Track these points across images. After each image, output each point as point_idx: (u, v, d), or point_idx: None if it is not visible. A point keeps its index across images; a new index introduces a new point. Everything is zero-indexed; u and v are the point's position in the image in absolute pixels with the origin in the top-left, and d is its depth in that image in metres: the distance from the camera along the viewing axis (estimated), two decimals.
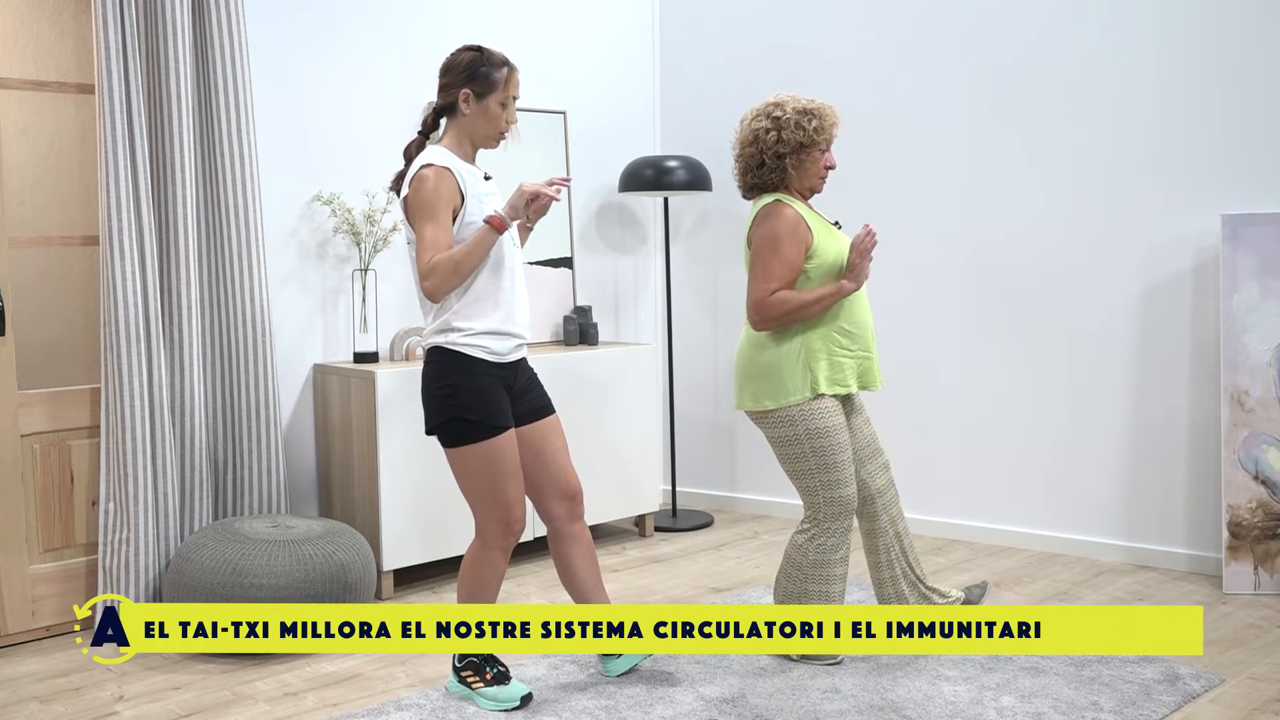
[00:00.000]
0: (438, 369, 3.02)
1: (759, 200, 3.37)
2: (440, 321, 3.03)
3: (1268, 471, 4.04)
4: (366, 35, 4.52)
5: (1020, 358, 4.68)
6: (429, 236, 2.92)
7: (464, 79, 3.01)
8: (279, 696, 3.30)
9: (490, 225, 2.93)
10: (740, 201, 5.37)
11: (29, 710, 3.22)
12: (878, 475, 3.49)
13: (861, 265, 3.26)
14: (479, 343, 3.01)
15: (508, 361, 3.08)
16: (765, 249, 3.27)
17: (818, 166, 3.34)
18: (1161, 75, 4.32)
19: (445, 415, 3.01)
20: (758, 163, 3.33)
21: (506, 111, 3.06)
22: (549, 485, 3.21)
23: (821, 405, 3.29)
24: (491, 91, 3.02)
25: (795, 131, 3.28)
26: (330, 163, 4.43)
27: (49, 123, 4.49)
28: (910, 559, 3.53)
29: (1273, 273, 4.02)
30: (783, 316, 3.25)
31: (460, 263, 2.91)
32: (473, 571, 3.11)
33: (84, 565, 3.87)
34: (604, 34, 5.36)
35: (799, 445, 3.31)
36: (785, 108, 3.30)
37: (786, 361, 3.29)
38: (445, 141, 3.07)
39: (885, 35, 4.93)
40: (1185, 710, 3.10)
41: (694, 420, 5.59)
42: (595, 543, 4.90)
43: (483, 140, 3.08)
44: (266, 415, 4.06)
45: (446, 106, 3.06)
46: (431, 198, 2.92)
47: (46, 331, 4.50)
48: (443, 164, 2.97)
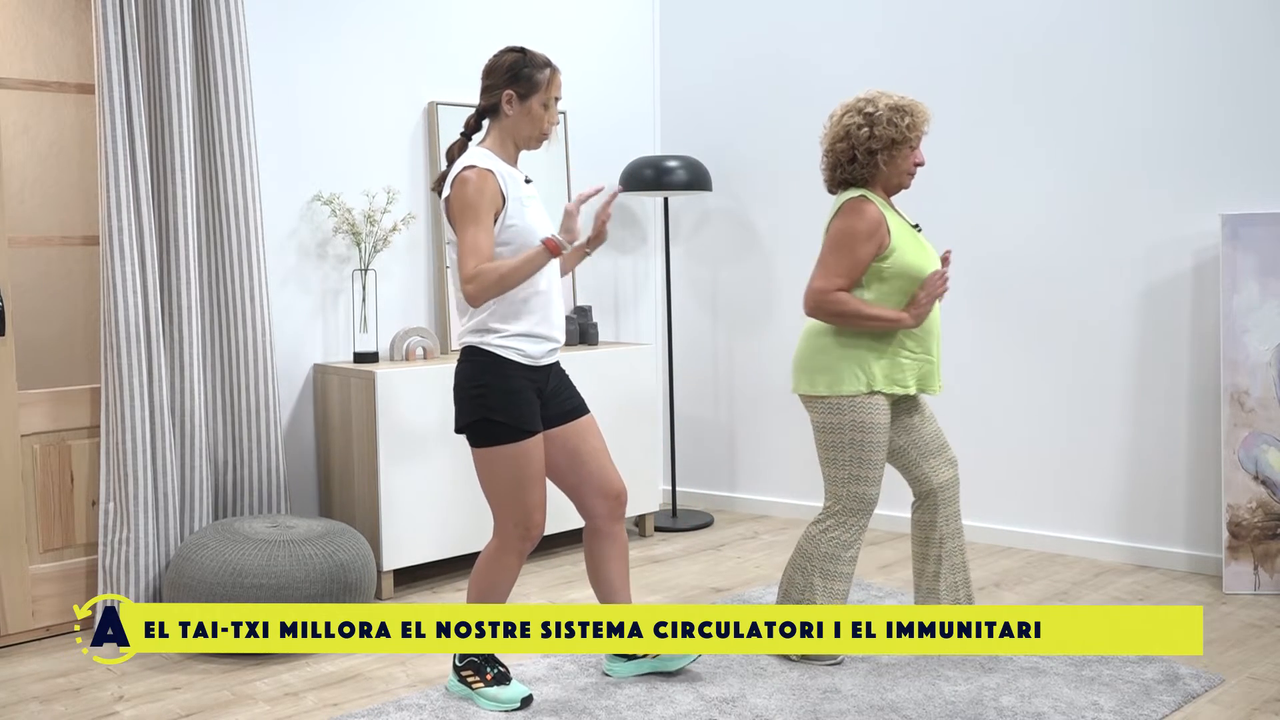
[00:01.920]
0: (471, 369, 3.03)
1: (843, 194, 3.37)
2: (476, 321, 3.04)
3: (1268, 471, 4.04)
4: (366, 35, 4.52)
5: (1020, 357, 4.68)
6: (471, 240, 2.92)
7: (507, 80, 3.03)
8: (279, 696, 3.30)
9: (545, 247, 2.95)
10: (739, 203, 5.37)
11: (29, 710, 3.22)
12: (941, 470, 3.49)
13: (927, 306, 3.28)
14: (513, 345, 3.02)
15: (541, 365, 3.09)
16: (840, 243, 3.28)
17: (908, 163, 3.35)
18: (1162, 75, 4.32)
19: (475, 415, 3.02)
20: (849, 158, 3.33)
21: (549, 113, 3.07)
22: (590, 484, 3.21)
23: (872, 401, 3.31)
24: (534, 93, 3.03)
25: (888, 128, 3.29)
26: (330, 163, 4.43)
27: (49, 123, 4.49)
28: (959, 559, 3.52)
29: (1273, 273, 4.02)
30: (835, 316, 3.26)
31: (506, 277, 2.92)
32: (486, 572, 3.12)
33: (84, 565, 3.87)
34: (604, 34, 5.36)
35: (840, 435, 3.32)
36: (878, 104, 3.31)
37: (848, 354, 3.30)
38: (488, 143, 3.08)
39: (885, 36, 4.93)
40: (1185, 710, 3.10)
41: (694, 420, 5.59)
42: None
43: (525, 141, 3.08)
44: (266, 415, 4.06)
45: (489, 108, 3.07)
46: (474, 200, 2.92)
47: (46, 331, 4.50)
48: (485, 166, 2.97)
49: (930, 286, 3.27)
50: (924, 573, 3.53)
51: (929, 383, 3.40)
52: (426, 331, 4.44)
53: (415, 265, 4.66)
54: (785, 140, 5.22)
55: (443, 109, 4.68)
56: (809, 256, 5.17)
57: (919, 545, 3.53)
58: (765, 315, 5.34)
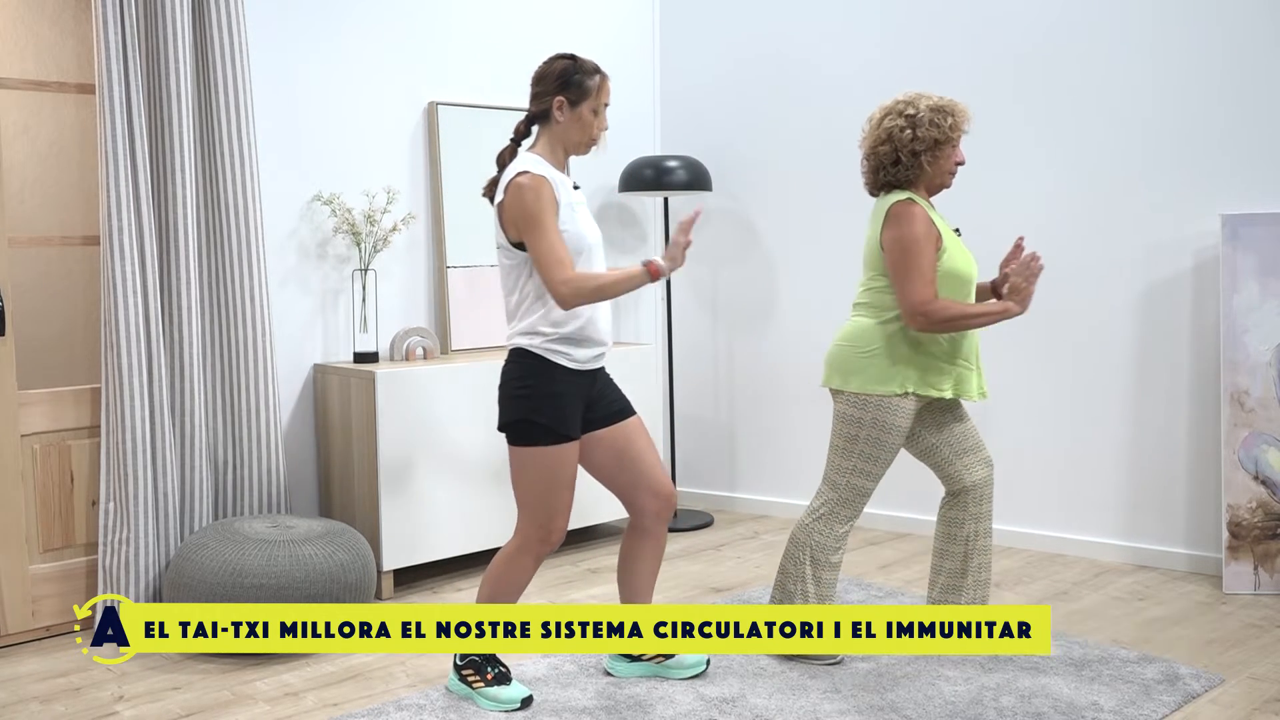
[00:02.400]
0: (518, 369, 3.05)
1: (887, 197, 3.36)
2: (526, 324, 3.05)
3: (1268, 471, 4.04)
4: (366, 35, 4.52)
5: (1020, 357, 4.68)
6: (548, 248, 2.94)
7: (558, 87, 3.05)
8: (279, 696, 3.30)
9: (647, 271, 3.01)
10: (739, 203, 5.37)
11: (29, 710, 3.22)
12: (976, 469, 3.49)
13: (1028, 289, 3.27)
14: (561, 349, 3.04)
15: (588, 370, 3.11)
16: (910, 250, 3.25)
17: (950, 162, 3.35)
18: (1162, 75, 4.32)
19: (517, 415, 3.04)
20: (892, 160, 3.32)
21: (599, 119, 3.09)
22: (641, 483, 3.23)
23: (899, 404, 3.31)
24: (585, 99, 3.05)
25: (930, 129, 3.29)
26: (330, 163, 4.43)
27: (49, 123, 4.49)
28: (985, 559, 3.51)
29: (1273, 273, 4.02)
30: (944, 324, 3.23)
31: (603, 289, 2.96)
32: (502, 570, 3.13)
33: (84, 565, 3.87)
34: (604, 34, 5.36)
35: (859, 428, 3.33)
36: (918, 105, 3.31)
37: (890, 358, 3.30)
38: (538, 148, 3.10)
39: (885, 36, 4.93)
40: (1185, 710, 3.10)
41: (694, 420, 5.59)
42: (595, 543, 4.91)
43: (575, 147, 3.11)
44: (266, 415, 4.06)
45: (539, 114, 3.09)
46: (536, 207, 2.94)
47: (46, 331, 4.50)
48: (539, 172, 2.99)
49: (1026, 269, 3.25)
50: (942, 569, 3.52)
51: (965, 388, 3.39)
52: (426, 331, 4.44)
53: (415, 265, 4.66)
54: (785, 140, 5.22)
55: (443, 109, 4.68)
56: (809, 256, 5.17)
57: (942, 541, 3.53)
58: (765, 315, 5.34)
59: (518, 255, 3.03)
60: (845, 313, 5.09)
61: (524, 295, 3.06)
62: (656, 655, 3.36)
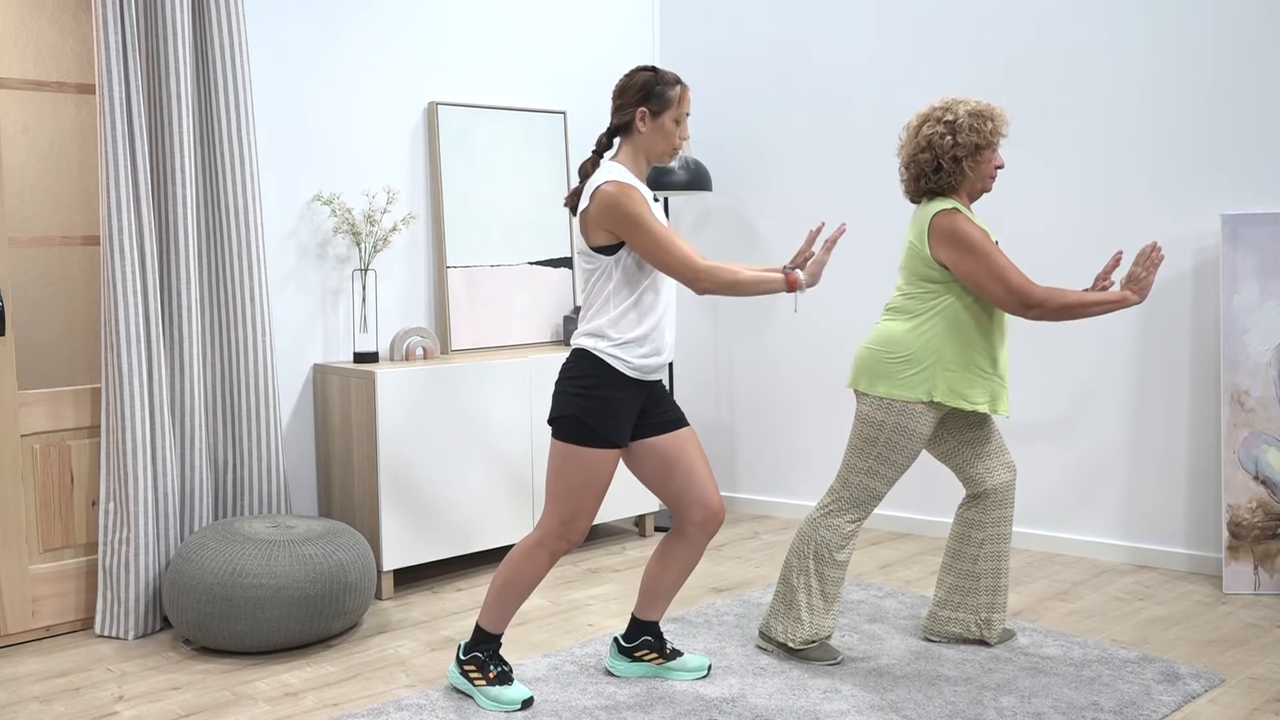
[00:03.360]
0: (578, 367, 3.09)
1: (929, 205, 3.35)
2: (593, 325, 3.09)
3: (1268, 471, 4.04)
4: (366, 35, 4.52)
5: (1020, 357, 4.68)
6: (666, 241, 2.99)
7: (639, 98, 3.09)
8: (279, 696, 3.30)
9: (786, 279, 3.06)
10: (739, 203, 5.37)
11: (29, 710, 3.22)
12: (998, 473, 3.49)
13: (1148, 279, 3.26)
14: (622, 354, 3.06)
15: (646, 380, 3.14)
16: (982, 254, 3.23)
17: (990, 167, 3.36)
18: (1161, 75, 4.32)
19: (568, 411, 3.06)
20: (933, 167, 3.33)
21: (680, 128, 3.13)
22: (692, 494, 3.23)
23: (923, 411, 3.32)
24: (667, 109, 3.09)
25: (970, 134, 3.30)
26: (330, 163, 4.43)
27: (49, 123, 4.49)
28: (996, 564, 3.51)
29: (1273, 273, 4.02)
30: (1063, 309, 3.22)
31: (739, 284, 3.02)
32: (518, 561, 3.15)
33: (84, 565, 3.87)
34: (604, 34, 5.36)
35: (880, 431, 3.34)
36: (957, 111, 3.31)
37: (921, 361, 3.31)
38: (620, 158, 3.14)
39: (885, 36, 4.93)
40: (1185, 710, 3.10)
41: (694, 420, 5.59)
42: (595, 543, 4.91)
43: (658, 156, 3.15)
44: (266, 415, 4.06)
45: (622, 125, 3.13)
46: (633, 208, 2.99)
47: (46, 331, 4.50)
48: (626, 180, 3.04)
49: (1147, 260, 3.25)
50: (953, 568, 3.54)
51: (998, 404, 3.39)
52: (426, 331, 4.44)
53: (415, 265, 4.66)
54: (785, 140, 5.22)
55: (443, 109, 4.68)
56: None
57: (956, 542, 3.54)
58: (765, 316, 5.34)
59: (598, 260, 3.07)
60: (846, 311, 5.09)
61: (596, 298, 3.10)
62: (657, 656, 3.36)
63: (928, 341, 3.31)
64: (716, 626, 3.78)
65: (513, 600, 3.17)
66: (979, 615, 3.54)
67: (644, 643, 3.36)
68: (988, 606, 3.53)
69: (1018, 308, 3.23)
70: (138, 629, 3.77)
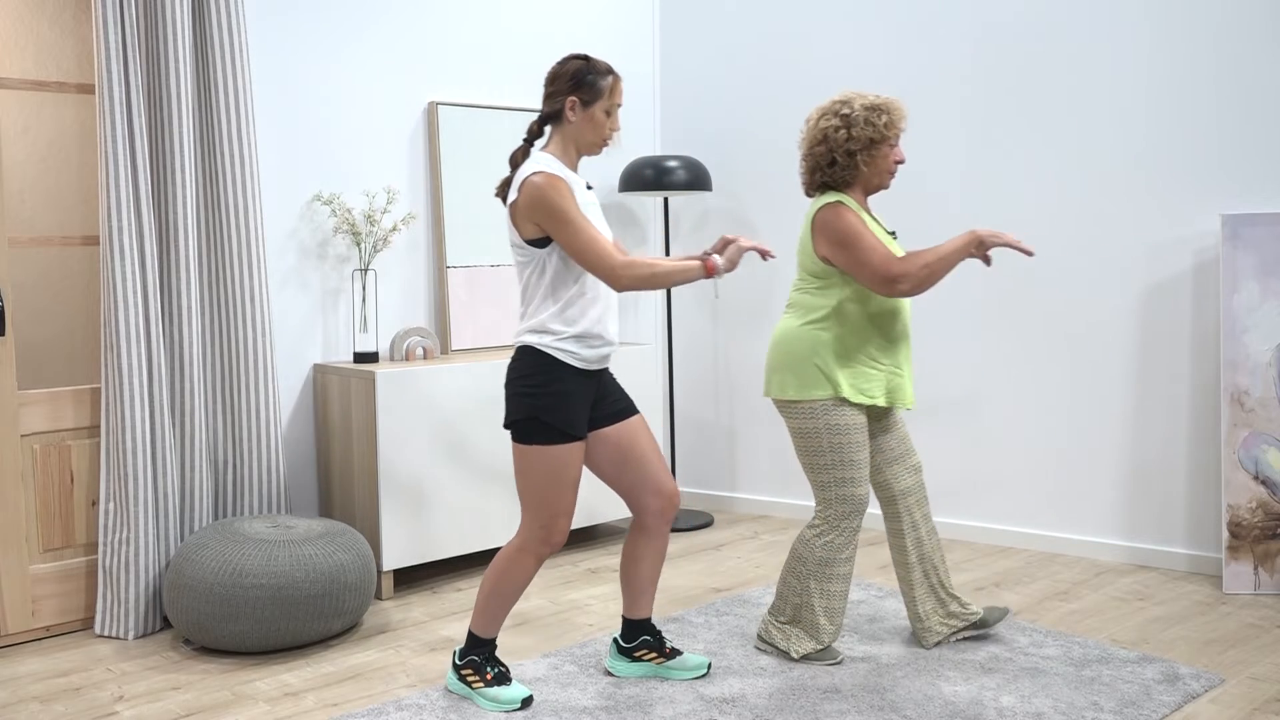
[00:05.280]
0: (525, 367, 3.05)
1: (818, 200, 3.35)
2: (535, 321, 3.06)
3: (1268, 471, 4.04)
4: (366, 35, 4.52)
5: (1020, 357, 4.68)
6: (586, 237, 2.95)
7: (570, 87, 3.06)
8: (279, 696, 3.30)
9: (704, 266, 3.01)
10: (739, 203, 5.37)
11: (29, 710, 3.22)
12: (905, 476, 3.49)
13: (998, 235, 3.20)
14: (569, 347, 3.04)
15: (594, 369, 3.11)
16: (848, 238, 3.22)
17: (888, 162, 3.34)
18: (1161, 75, 4.32)
19: (523, 413, 3.04)
20: (828, 161, 3.32)
21: (611, 119, 3.10)
22: (645, 483, 3.23)
23: (841, 405, 3.31)
24: (598, 99, 3.06)
25: (865, 128, 3.28)
26: (330, 163, 4.43)
27: (49, 123, 4.49)
28: (934, 562, 3.51)
29: (1273, 273, 4.02)
30: (923, 269, 3.17)
31: (657, 276, 2.97)
32: (503, 568, 3.13)
33: (84, 565, 3.87)
34: (604, 34, 5.36)
35: (818, 439, 3.32)
36: (853, 104, 3.30)
37: (815, 358, 3.30)
38: (550, 148, 3.11)
39: (884, 37, 4.93)
40: (1185, 710, 3.10)
41: (694, 420, 5.59)
42: (595, 543, 4.91)
43: (588, 147, 3.12)
44: (266, 415, 4.06)
45: (552, 114, 3.10)
46: (559, 201, 2.95)
47: (46, 331, 4.50)
48: (553, 171, 3.01)
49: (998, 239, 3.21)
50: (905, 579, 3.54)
51: (899, 397, 3.38)
52: (426, 331, 4.44)
53: (415, 265, 4.66)
54: (785, 140, 5.22)
55: (443, 109, 4.68)
56: None
57: (897, 553, 3.53)
58: (765, 315, 5.34)
59: (531, 253, 3.03)
60: None
61: (534, 293, 3.07)
62: (657, 655, 3.36)
63: (820, 337, 3.30)
64: (716, 626, 3.78)
65: (502, 605, 3.16)
66: (947, 609, 3.54)
67: (643, 642, 3.36)
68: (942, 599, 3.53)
69: (884, 285, 3.20)
70: (138, 629, 3.77)
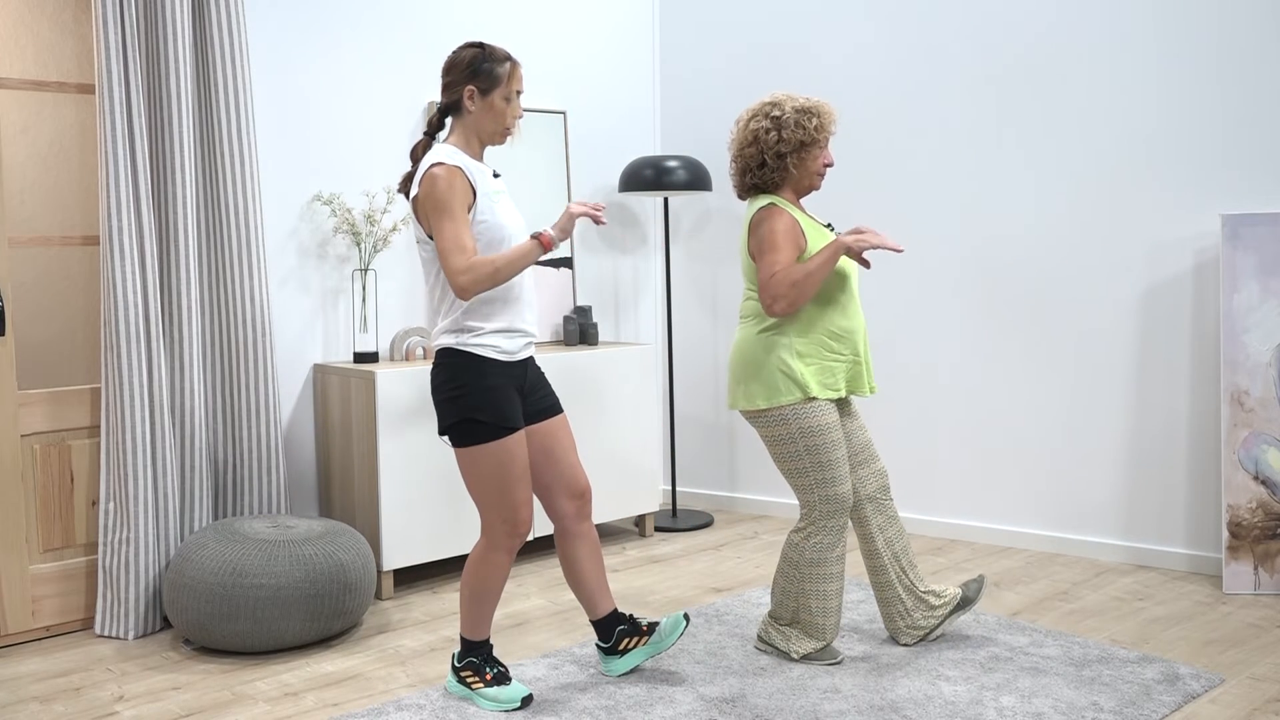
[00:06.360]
0: (449, 370, 3.02)
1: (754, 202, 3.37)
2: (450, 321, 3.02)
3: (1268, 471, 4.04)
4: (366, 35, 4.52)
5: (1020, 357, 4.68)
6: (452, 236, 2.90)
7: (467, 76, 3.02)
8: (279, 696, 3.30)
9: (539, 242, 2.96)
10: (739, 202, 5.37)
11: (29, 710, 3.22)
12: (869, 481, 3.48)
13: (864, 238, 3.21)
14: (490, 342, 3.01)
15: (518, 360, 3.09)
16: (765, 245, 3.27)
17: (817, 164, 3.35)
18: (1161, 75, 4.32)
19: (457, 416, 3.01)
20: (758, 163, 3.33)
21: (511, 106, 3.05)
22: (558, 484, 3.22)
23: (814, 405, 3.30)
24: (495, 87, 3.02)
25: (796, 130, 3.29)
26: (330, 163, 4.43)
27: (49, 123, 4.49)
28: (904, 564, 3.51)
29: (1273, 273, 4.02)
30: (791, 288, 3.20)
31: (500, 270, 2.92)
32: (477, 571, 3.11)
33: (84, 565, 3.87)
34: (604, 34, 5.36)
35: (793, 444, 3.31)
36: (783, 107, 3.30)
37: (778, 363, 3.29)
38: (452, 140, 3.07)
39: (884, 35, 4.93)
40: (1185, 710, 3.10)
41: (694, 420, 5.59)
42: None
43: (489, 137, 3.08)
44: (266, 415, 4.06)
45: (451, 105, 3.05)
46: (446, 196, 2.91)
47: (46, 331, 4.50)
48: (453, 162, 2.96)
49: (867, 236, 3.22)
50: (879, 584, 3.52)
51: (858, 384, 3.38)
52: (426, 332, 4.44)
53: (415, 265, 4.66)
54: None
55: None
56: None
57: (869, 557, 3.52)
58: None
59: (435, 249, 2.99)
60: None
61: (446, 291, 3.02)
62: (639, 638, 3.33)
63: (778, 340, 3.30)
64: (716, 626, 3.78)
65: (485, 606, 3.15)
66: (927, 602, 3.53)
67: (620, 634, 3.33)
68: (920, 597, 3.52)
69: (765, 303, 3.22)
70: (138, 629, 3.77)
